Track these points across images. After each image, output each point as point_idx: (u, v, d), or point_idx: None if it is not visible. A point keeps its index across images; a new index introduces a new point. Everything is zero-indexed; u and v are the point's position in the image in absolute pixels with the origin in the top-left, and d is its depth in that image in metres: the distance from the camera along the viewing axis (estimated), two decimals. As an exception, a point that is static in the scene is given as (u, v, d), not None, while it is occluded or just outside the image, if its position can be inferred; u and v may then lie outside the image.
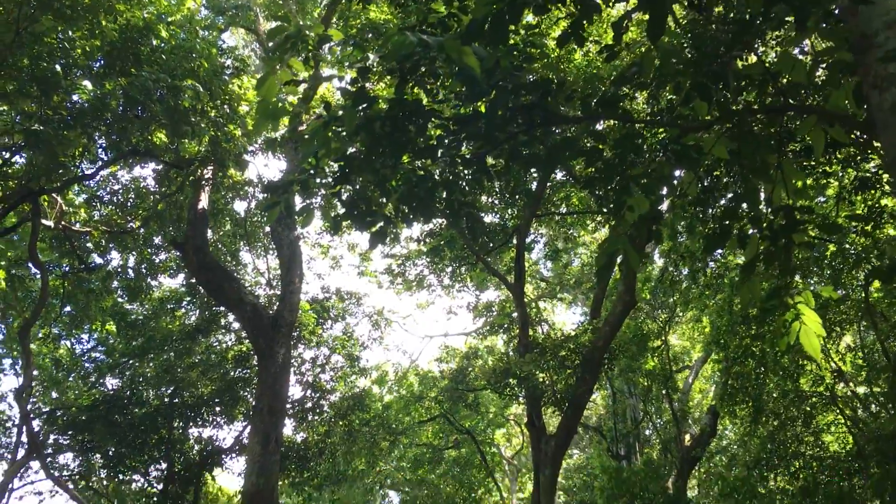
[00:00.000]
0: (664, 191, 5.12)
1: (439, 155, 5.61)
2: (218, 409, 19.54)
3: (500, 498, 28.41)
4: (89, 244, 17.09)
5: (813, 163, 10.51)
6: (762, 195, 4.85)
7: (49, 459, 17.99)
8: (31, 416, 17.31)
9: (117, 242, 17.39)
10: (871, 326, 16.10)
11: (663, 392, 21.98)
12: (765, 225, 4.43)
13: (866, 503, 15.49)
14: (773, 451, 16.55)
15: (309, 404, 20.43)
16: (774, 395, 16.75)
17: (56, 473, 18.09)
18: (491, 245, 19.73)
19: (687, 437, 22.10)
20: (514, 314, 21.54)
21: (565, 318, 38.06)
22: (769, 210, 4.56)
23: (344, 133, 5.28)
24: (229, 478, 26.64)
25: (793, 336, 4.61)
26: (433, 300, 41.98)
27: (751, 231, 4.52)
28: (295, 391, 20.05)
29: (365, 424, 21.56)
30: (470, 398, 24.55)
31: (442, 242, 20.28)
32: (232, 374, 19.70)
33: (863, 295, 15.08)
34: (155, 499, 19.54)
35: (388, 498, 33.87)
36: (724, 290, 16.88)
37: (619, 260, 4.78)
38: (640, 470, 20.01)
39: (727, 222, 4.61)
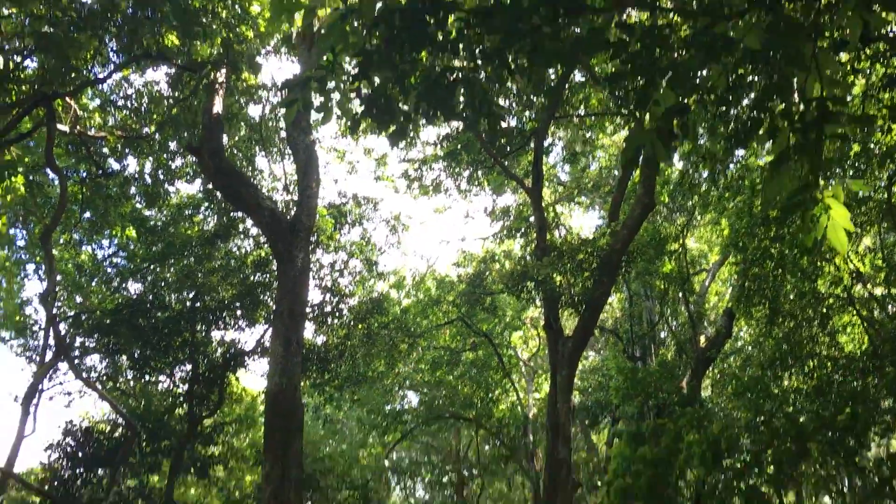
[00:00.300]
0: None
1: (460, 49, 5.45)
2: (239, 312, 19.86)
3: (516, 398, 29.03)
4: (105, 149, 17.04)
5: (844, 58, 10.19)
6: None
7: (76, 362, 18.46)
8: (57, 319, 17.66)
9: (133, 148, 17.32)
10: (891, 227, 15.97)
11: (679, 295, 22.08)
12: (796, 117, 4.30)
13: (880, 402, 15.69)
14: (788, 351, 16.68)
15: (328, 308, 20.68)
16: (791, 296, 16.77)
17: (84, 375, 18.59)
18: (508, 148, 19.51)
19: (702, 338, 22.32)
20: (532, 218, 21.50)
21: (582, 222, 37.90)
22: (800, 102, 4.42)
23: (362, 26, 5.13)
24: (252, 378, 27.29)
25: (820, 231, 4.55)
26: (450, 205, 41.93)
27: (781, 123, 4.39)
28: (314, 295, 20.32)
29: (384, 327, 21.88)
30: (487, 302, 24.78)
31: (459, 146, 20.05)
32: (252, 278, 19.91)
33: (885, 195, 14.89)
34: (181, 399, 20.13)
35: (406, 398, 34.72)
36: (744, 193, 16.70)
37: (640, 161, 4.69)
38: (654, 370, 20.29)
39: (757, 115, 4.48)
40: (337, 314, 20.76)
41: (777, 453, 16.14)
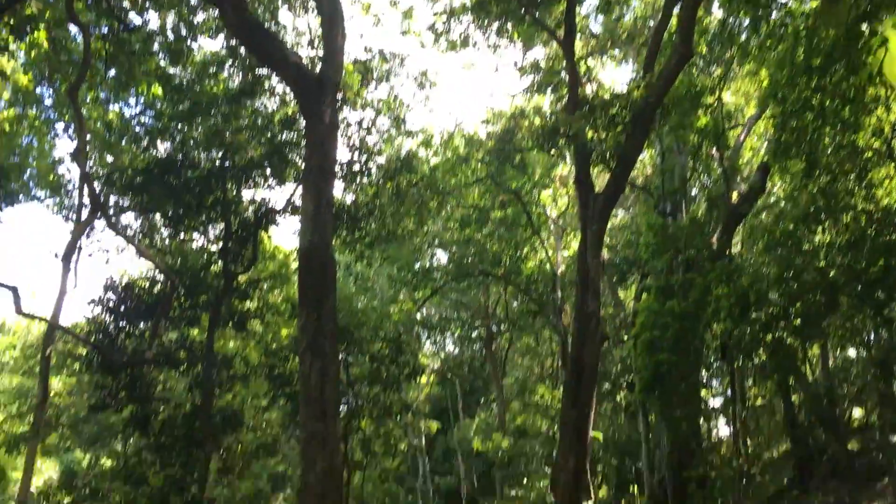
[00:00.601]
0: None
1: None
2: (268, 171, 19.92)
3: (545, 256, 29.28)
4: (125, 3, 16.62)
5: None
6: None
7: (112, 219, 18.74)
8: (90, 177, 17.80)
9: (154, 1, 16.88)
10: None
11: (713, 150, 21.67)
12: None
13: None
14: (823, 205, 16.46)
15: (357, 167, 20.64)
16: (829, 149, 16.38)
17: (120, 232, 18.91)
18: (540, -3, 18.74)
19: (734, 194, 22.08)
20: (563, 72, 20.93)
21: (615, 76, 36.98)
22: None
23: None
24: (284, 237, 27.73)
25: (875, 64, 4.32)
26: (478, 60, 40.87)
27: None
28: (342, 154, 20.23)
29: (413, 186, 21.88)
30: (516, 159, 24.59)
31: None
32: (280, 137, 19.83)
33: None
34: (216, 256, 20.54)
35: (436, 256, 35.20)
36: (786, 41, 16.00)
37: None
38: (685, 226, 20.21)
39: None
40: (366, 172, 20.74)
41: (805, 306, 16.26)
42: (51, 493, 21.32)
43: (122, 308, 19.11)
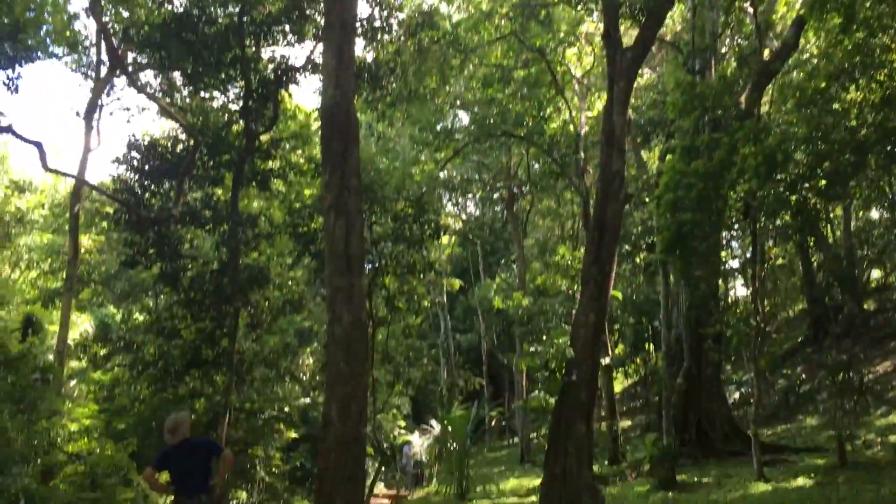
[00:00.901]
0: None
1: None
2: (287, 27, 19.43)
3: (568, 116, 28.82)
4: None
5: None
6: None
7: (132, 77, 18.53)
8: (108, 31, 17.46)
9: None
10: None
11: (747, 3, 20.81)
12: None
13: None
14: (858, 62, 15.95)
15: (377, 23, 20.08)
16: (868, 2, 15.70)
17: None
18: None
19: (766, 51, 21.39)
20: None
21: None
22: None
23: None
24: (305, 97, 27.29)
25: None
26: None
27: None
28: (362, 9, 19.66)
29: (434, 43, 21.34)
30: (542, 14, 23.80)
31: None
32: (298, -10, 19.23)
33: None
34: (237, 115, 20.40)
35: (458, 117, 34.77)
36: None
37: None
38: (714, 84, 19.71)
39: None
40: (386, 29, 20.18)
41: (833, 166, 16.07)
42: (87, 345, 22.23)
43: (147, 167, 19.19)
